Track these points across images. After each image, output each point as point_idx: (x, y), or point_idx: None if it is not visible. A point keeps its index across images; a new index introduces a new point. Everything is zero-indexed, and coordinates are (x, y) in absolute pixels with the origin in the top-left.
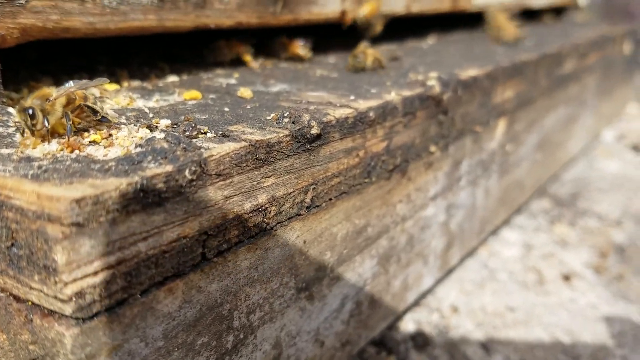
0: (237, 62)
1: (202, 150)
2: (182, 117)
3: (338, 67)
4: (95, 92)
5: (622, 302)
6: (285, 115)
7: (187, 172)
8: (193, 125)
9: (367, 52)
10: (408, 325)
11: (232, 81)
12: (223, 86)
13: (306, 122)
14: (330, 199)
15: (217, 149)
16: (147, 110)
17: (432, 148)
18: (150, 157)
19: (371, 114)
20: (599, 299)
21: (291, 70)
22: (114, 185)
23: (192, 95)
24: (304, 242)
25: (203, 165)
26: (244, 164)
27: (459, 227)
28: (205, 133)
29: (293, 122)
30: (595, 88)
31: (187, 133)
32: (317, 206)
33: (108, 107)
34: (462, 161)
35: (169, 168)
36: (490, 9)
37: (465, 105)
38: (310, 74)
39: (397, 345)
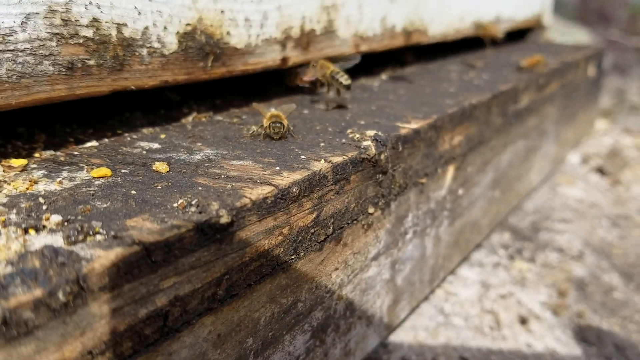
0: (170, 117)
1: (83, 263)
2: (80, 208)
3: None
4: None
5: (582, 345)
6: (193, 203)
7: (60, 295)
8: (80, 227)
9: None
10: None
11: (156, 145)
12: (143, 153)
13: (214, 212)
14: (250, 285)
15: (102, 259)
16: (42, 201)
17: (371, 209)
18: (18, 280)
19: (294, 189)
20: (557, 342)
21: (224, 126)
22: None
23: (101, 173)
24: (218, 335)
25: (82, 283)
26: (136, 271)
27: (406, 281)
28: (95, 234)
29: (200, 212)
30: (556, 116)
31: (72, 238)
32: (234, 295)
33: (4, 194)
34: (407, 215)
35: (37, 293)
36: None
37: (407, 159)
38: (244, 132)
39: None
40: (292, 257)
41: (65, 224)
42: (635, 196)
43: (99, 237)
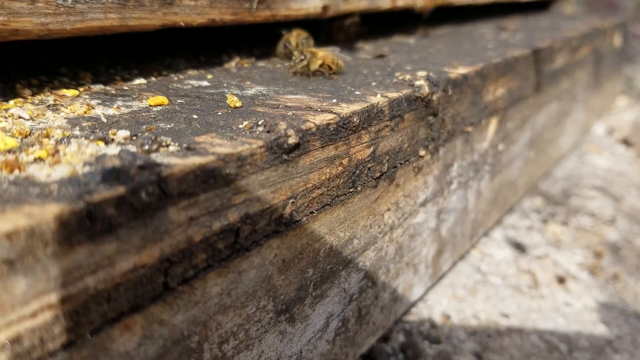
0: (212, 62)
1: (162, 167)
2: (144, 127)
3: None
4: (50, 99)
5: (619, 305)
6: (260, 123)
7: (143, 194)
8: (153, 137)
9: (317, 54)
10: (398, 336)
11: (205, 83)
12: (194, 89)
13: (283, 131)
14: (312, 213)
15: (179, 166)
16: (104, 120)
17: (422, 152)
18: (99, 178)
19: (355, 118)
20: (595, 301)
21: (269, 70)
22: (54, 214)
23: (157, 100)
24: (283, 260)
25: (162, 185)
26: (212, 181)
27: (450, 233)
28: (167, 146)
29: (268, 132)
30: (586, 82)
31: (146, 147)
32: (297, 221)
33: (63, 116)
34: (453, 164)
35: (121, 190)
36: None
37: (455, 105)
38: (290, 74)
39: (387, 358)
40: (351, 190)
41: (134, 137)
42: None
43: (172, 148)
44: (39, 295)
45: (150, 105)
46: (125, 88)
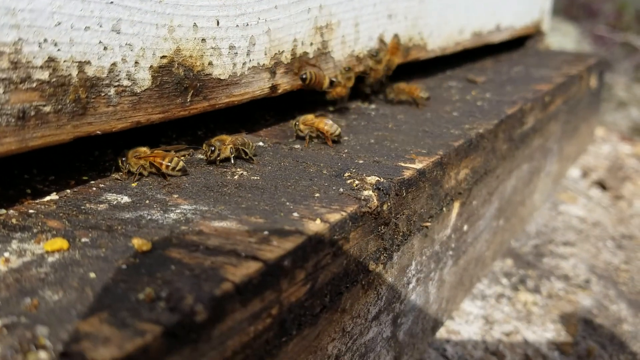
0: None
1: None
2: (26, 303)
3: (268, 156)
4: None
5: None
6: (163, 296)
7: None
8: (20, 343)
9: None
10: None
11: (125, 199)
12: (109, 211)
13: (188, 308)
14: None
15: None
16: None
17: (372, 266)
18: None
19: (286, 262)
20: None
21: (205, 171)
22: None
23: (55, 245)
24: None
25: None
26: None
27: (409, 334)
28: (39, 348)
29: (171, 309)
30: (560, 133)
31: (9, 357)
32: None
33: None
34: (410, 264)
35: None
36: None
37: (411, 204)
38: (229, 178)
39: None
40: (283, 339)
41: (5, 331)
42: (638, 212)
43: (43, 355)
44: None
45: (47, 252)
46: (31, 212)
